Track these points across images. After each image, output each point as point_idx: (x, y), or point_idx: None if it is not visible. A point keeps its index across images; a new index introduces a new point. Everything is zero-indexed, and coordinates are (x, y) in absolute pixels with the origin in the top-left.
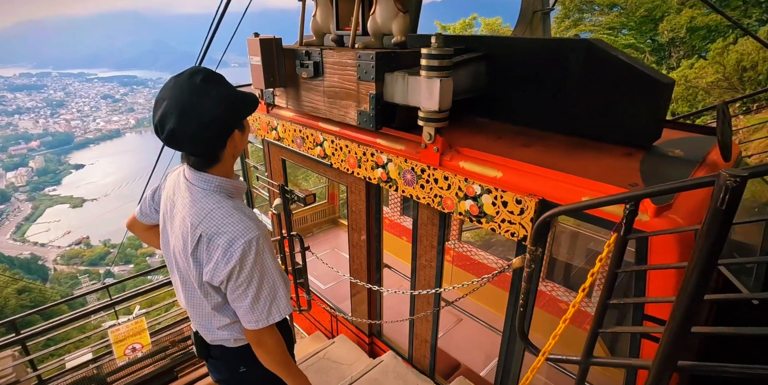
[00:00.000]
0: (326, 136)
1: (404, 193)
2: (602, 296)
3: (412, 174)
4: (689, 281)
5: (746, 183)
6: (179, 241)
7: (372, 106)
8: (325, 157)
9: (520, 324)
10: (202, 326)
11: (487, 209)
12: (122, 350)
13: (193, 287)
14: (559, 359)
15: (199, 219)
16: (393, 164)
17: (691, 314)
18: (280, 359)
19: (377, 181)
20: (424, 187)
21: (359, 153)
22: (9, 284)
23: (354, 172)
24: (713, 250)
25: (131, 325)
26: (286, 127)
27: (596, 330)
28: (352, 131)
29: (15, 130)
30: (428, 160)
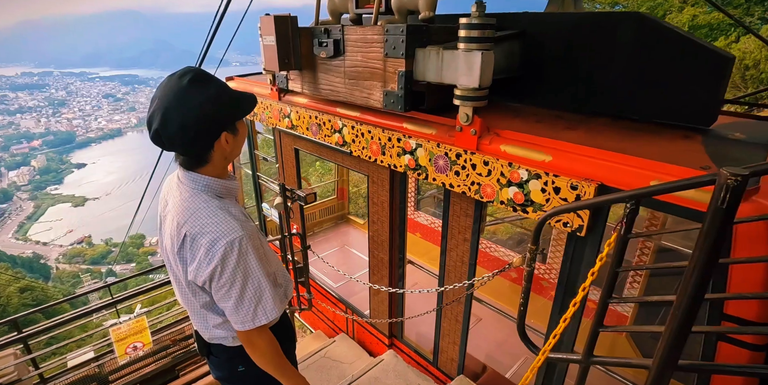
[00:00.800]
0: (346, 122)
1: (435, 181)
2: (603, 295)
3: (445, 160)
4: (690, 281)
5: (747, 182)
6: (169, 240)
7: (401, 86)
8: (343, 144)
9: (519, 323)
10: (199, 324)
11: (534, 197)
12: (123, 349)
13: (183, 287)
14: (560, 358)
15: (184, 218)
16: (423, 150)
17: (692, 313)
18: (272, 360)
19: (403, 169)
20: (459, 174)
21: (383, 139)
22: (11, 283)
23: (377, 160)
24: (714, 249)
25: (132, 324)
26: (300, 114)
27: (597, 329)
28: (375, 116)
29: (17, 130)
30: (464, 144)
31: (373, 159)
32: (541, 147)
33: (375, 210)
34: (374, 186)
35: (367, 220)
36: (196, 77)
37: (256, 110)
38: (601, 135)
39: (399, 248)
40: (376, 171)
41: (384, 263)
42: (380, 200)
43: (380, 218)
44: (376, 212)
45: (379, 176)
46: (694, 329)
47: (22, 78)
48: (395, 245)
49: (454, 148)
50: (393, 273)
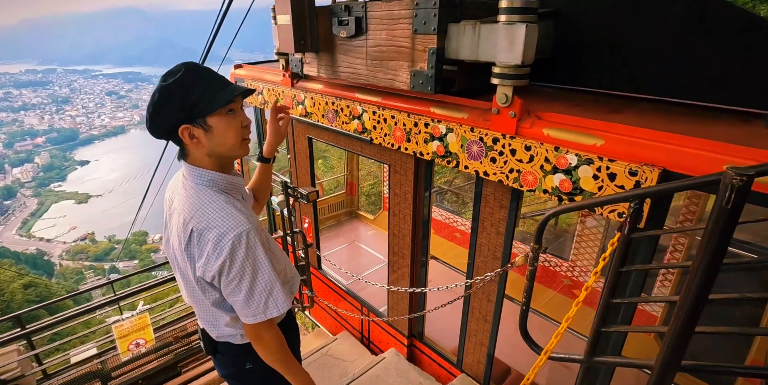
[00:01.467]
0: (366, 108)
1: (467, 169)
2: (605, 295)
3: (480, 146)
4: (694, 281)
5: (753, 181)
6: (176, 237)
7: (431, 65)
8: (363, 132)
9: (521, 323)
10: (208, 322)
11: (584, 184)
12: (126, 346)
13: (192, 284)
14: (562, 358)
15: (191, 214)
16: (454, 135)
17: (696, 314)
18: (279, 355)
19: (431, 156)
20: (495, 160)
21: (409, 124)
22: (15, 279)
23: (401, 147)
24: (718, 249)
25: (135, 320)
26: (315, 100)
27: (599, 329)
28: (400, 100)
29: (21, 127)
30: (502, 127)
31: (397, 146)
32: (592, 130)
33: (397, 201)
34: (396, 176)
35: (388, 212)
36: (170, 70)
37: (266, 98)
38: (652, 118)
39: (422, 242)
40: (399, 160)
41: (405, 258)
42: (403, 191)
43: (402, 210)
44: (397, 204)
45: (402, 165)
46: (697, 329)
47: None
48: (418, 240)
49: (491, 133)
50: (415, 269)
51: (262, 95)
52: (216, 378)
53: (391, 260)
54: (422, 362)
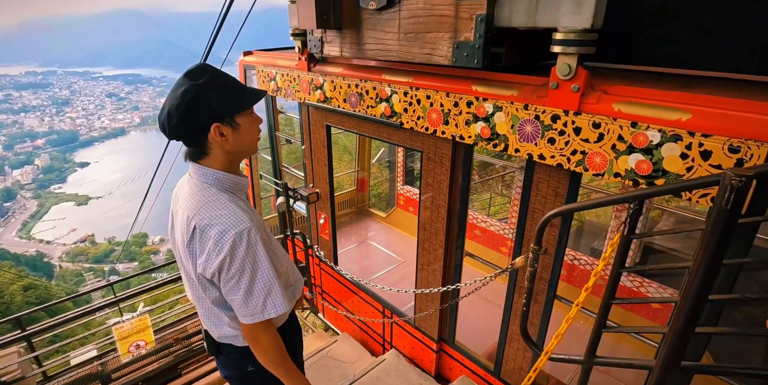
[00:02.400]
0: (396, 88)
1: (517, 153)
2: (606, 296)
3: (535, 125)
4: (694, 282)
5: (752, 182)
6: (180, 235)
7: (479, 34)
8: (392, 115)
9: (522, 324)
10: (210, 321)
11: (669, 165)
12: (126, 347)
13: (194, 282)
14: (562, 358)
15: (194, 211)
16: (503, 114)
17: (696, 315)
18: (275, 358)
19: (473, 139)
20: (554, 141)
21: (447, 105)
22: (15, 281)
23: (437, 131)
24: (718, 250)
25: (135, 322)
26: (336, 83)
27: (599, 329)
28: (435, 80)
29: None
30: (562, 103)
31: (432, 130)
32: (674, 103)
33: (429, 192)
34: (430, 164)
35: (419, 204)
36: (194, 70)
37: (279, 84)
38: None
39: (457, 238)
40: (433, 145)
41: (437, 256)
42: (437, 181)
43: (436, 201)
44: (430, 195)
45: (437, 151)
46: (697, 330)
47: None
48: (453, 235)
49: (549, 110)
50: (448, 268)
51: (275, 81)
52: (216, 380)
53: (420, 257)
54: (453, 370)
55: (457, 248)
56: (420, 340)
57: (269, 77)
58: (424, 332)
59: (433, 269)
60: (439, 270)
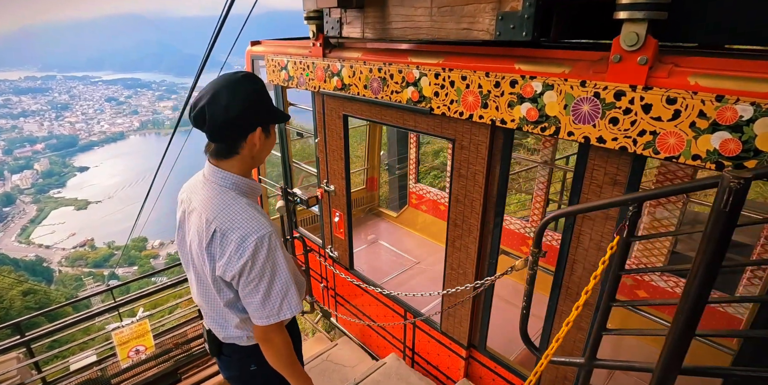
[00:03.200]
0: (426, 70)
1: (571, 136)
2: (605, 298)
3: (594, 104)
4: (693, 284)
5: (750, 184)
6: (195, 236)
7: (529, 2)
8: (420, 101)
9: (522, 326)
10: (216, 323)
11: (763, 144)
12: (126, 353)
13: (207, 283)
14: (563, 361)
15: (214, 214)
16: (554, 93)
17: (695, 317)
18: (286, 358)
19: (517, 123)
20: (617, 121)
21: (486, 86)
22: (14, 286)
23: (473, 115)
24: (717, 252)
25: (135, 327)
26: (356, 68)
27: (600, 332)
28: (471, 60)
29: (20, 133)
30: (627, 78)
31: (467, 115)
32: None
33: (461, 185)
34: (463, 153)
35: (449, 197)
36: (249, 74)
37: (291, 73)
38: None
39: (493, 235)
40: (467, 132)
41: (470, 255)
42: (472, 172)
43: (470, 194)
44: (462, 188)
45: (472, 139)
46: (697, 332)
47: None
48: (488, 232)
49: (612, 86)
50: (481, 267)
51: (286, 70)
52: (216, 384)
53: (449, 256)
54: (483, 378)
55: (492, 247)
56: (446, 346)
57: (279, 66)
58: (452, 338)
59: (464, 270)
60: (472, 271)
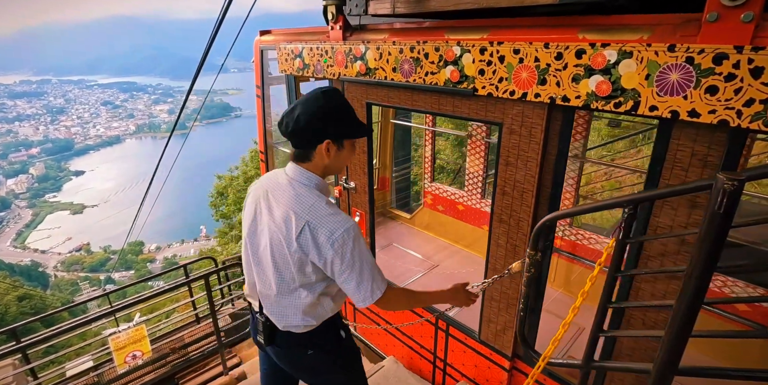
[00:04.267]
0: (469, 45)
1: (654, 111)
2: (602, 299)
3: (685, 71)
4: (688, 286)
5: (744, 186)
6: (282, 229)
7: None
8: (461, 81)
9: (520, 329)
10: (277, 313)
11: None
12: (122, 358)
13: (289, 272)
14: (561, 363)
15: (303, 211)
16: (633, 62)
17: (692, 318)
18: (405, 305)
19: (585, 100)
20: (716, 90)
21: (545, 59)
22: (9, 291)
23: (528, 94)
24: (711, 254)
25: (131, 332)
26: (383, 49)
27: (597, 334)
28: (523, 32)
29: (15, 137)
30: (728, 38)
31: (520, 94)
32: None
33: (509, 175)
34: (513, 138)
35: (493, 191)
36: (328, 91)
37: (307, 61)
38: None
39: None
40: (518, 114)
41: (519, 254)
42: (523, 159)
43: (519, 185)
44: (510, 178)
45: (524, 121)
46: (693, 333)
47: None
48: None
49: (711, 49)
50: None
51: (301, 58)
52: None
53: (492, 255)
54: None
55: (547, 242)
56: (487, 357)
57: (293, 54)
58: (493, 348)
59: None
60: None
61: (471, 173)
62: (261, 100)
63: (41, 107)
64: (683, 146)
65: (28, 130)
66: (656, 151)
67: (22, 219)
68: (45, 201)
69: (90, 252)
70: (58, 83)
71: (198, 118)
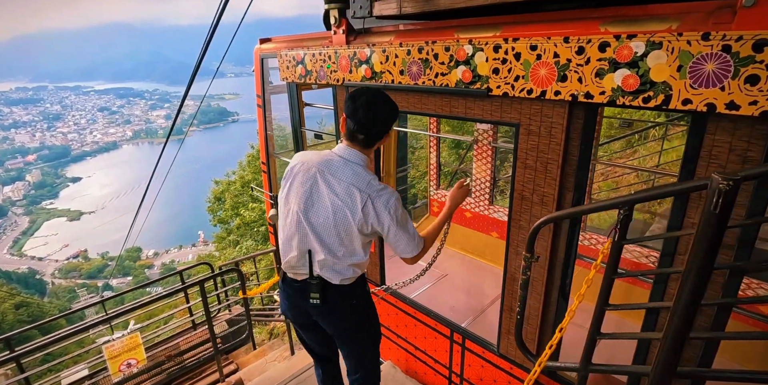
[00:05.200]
0: (482, 44)
1: (687, 105)
2: (599, 302)
3: (722, 61)
4: (685, 287)
5: (740, 186)
6: (348, 202)
7: None
8: (474, 81)
9: (517, 333)
10: (334, 270)
11: None
12: (117, 366)
13: (350, 236)
14: (558, 366)
15: (364, 186)
16: (663, 53)
17: (689, 320)
18: (434, 239)
19: (610, 96)
20: (757, 79)
21: (565, 54)
22: (6, 300)
23: (547, 92)
24: (708, 254)
25: (125, 340)
26: (389, 52)
27: (594, 336)
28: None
29: (12, 144)
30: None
31: (538, 92)
32: None
33: (528, 179)
34: (531, 139)
35: (510, 193)
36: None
37: (309, 67)
38: None
39: (570, 238)
40: (536, 114)
41: (540, 262)
42: (542, 161)
43: (538, 189)
44: (529, 182)
45: (543, 121)
46: (691, 335)
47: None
48: (563, 233)
49: (749, 35)
50: (553, 275)
51: (303, 65)
52: None
53: (510, 263)
54: None
55: (568, 249)
56: (507, 371)
57: (295, 61)
58: (513, 362)
59: (531, 279)
60: (542, 281)
61: (478, 179)
62: (262, 109)
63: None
64: (720, 141)
65: (25, 137)
66: (689, 148)
67: (19, 226)
68: (42, 208)
69: (87, 259)
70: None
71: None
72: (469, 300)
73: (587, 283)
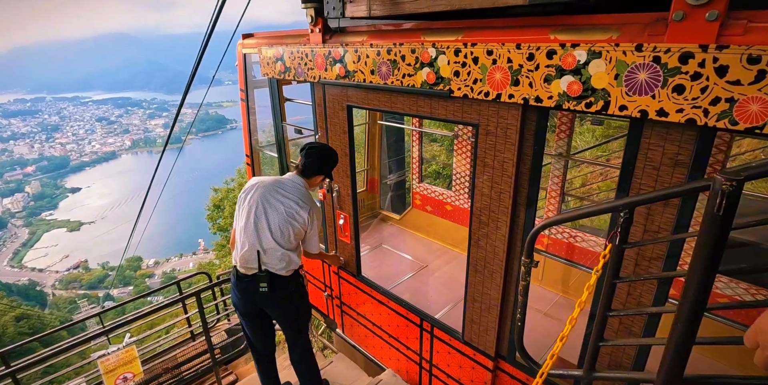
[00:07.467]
0: (443, 47)
1: (624, 111)
2: (601, 307)
3: (653, 70)
4: (689, 291)
5: (743, 186)
6: (293, 211)
7: None
8: (437, 82)
9: (518, 338)
10: (281, 263)
11: None
12: (113, 381)
13: (293, 236)
14: (561, 374)
15: (306, 201)
16: (602, 62)
17: (694, 325)
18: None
19: (556, 100)
20: (683, 89)
21: (518, 59)
22: (7, 312)
23: (501, 95)
24: (712, 257)
25: (121, 354)
26: (361, 52)
27: (597, 343)
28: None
29: (10, 156)
30: (694, 37)
31: (494, 95)
32: None
33: (487, 176)
34: (489, 139)
35: (471, 190)
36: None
37: (288, 64)
38: None
39: (524, 232)
40: (494, 115)
41: (498, 255)
42: (499, 160)
43: (496, 186)
44: (488, 179)
45: (499, 122)
46: (697, 340)
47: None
48: (518, 228)
49: (676, 48)
50: (511, 268)
51: (282, 62)
52: None
53: (473, 256)
54: None
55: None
56: (470, 357)
57: (275, 58)
58: (476, 348)
59: (491, 271)
60: (500, 273)
61: (458, 173)
62: (245, 103)
63: (36, 125)
64: (654, 146)
65: (23, 148)
66: (628, 152)
67: (19, 238)
68: (41, 219)
69: (88, 269)
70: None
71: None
72: (443, 290)
73: (588, 289)
